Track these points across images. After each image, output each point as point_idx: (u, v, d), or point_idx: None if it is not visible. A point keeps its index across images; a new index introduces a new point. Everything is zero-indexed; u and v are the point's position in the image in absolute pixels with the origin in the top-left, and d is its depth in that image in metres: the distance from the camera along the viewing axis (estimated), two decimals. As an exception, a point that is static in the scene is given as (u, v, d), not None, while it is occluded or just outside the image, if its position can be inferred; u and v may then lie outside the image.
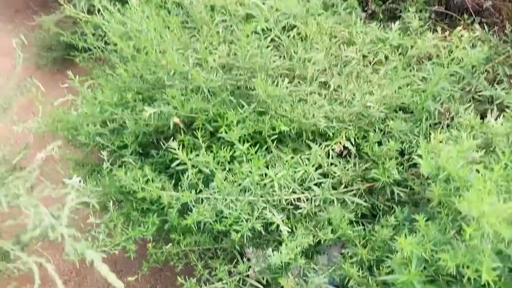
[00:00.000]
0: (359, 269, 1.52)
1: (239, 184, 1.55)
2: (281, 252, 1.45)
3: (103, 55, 2.10)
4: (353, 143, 1.73)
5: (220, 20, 1.64)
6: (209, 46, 1.61)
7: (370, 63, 1.96)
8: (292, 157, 1.64)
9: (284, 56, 1.74)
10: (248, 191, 1.52)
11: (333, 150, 1.71)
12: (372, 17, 2.64)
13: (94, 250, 1.43)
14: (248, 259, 1.82)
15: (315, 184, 1.62)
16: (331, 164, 1.66)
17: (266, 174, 1.56)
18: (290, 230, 1.57)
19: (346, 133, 1.72)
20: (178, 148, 1.56)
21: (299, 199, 1.60)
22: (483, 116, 1.71)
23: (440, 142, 1.39)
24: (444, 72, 1.74)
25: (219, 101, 1.58)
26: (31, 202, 0.89)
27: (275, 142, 1.62)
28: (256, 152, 1.63)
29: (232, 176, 1.58)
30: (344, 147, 1.74)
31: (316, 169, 1.64)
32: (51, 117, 1.93)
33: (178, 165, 1.55)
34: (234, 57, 1.59)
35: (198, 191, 1.51)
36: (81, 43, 2.12)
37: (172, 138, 1.81)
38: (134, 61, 1.66)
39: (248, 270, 1.64)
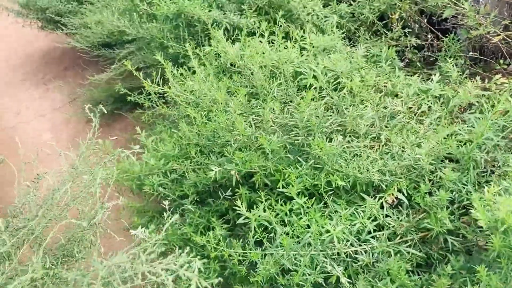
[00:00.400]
0: (420, 319, 1.56)
1: (301, 239, 1.63)
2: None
3: (164, 112, 2.24)
4: (405, 194, 1.80)
5: (277, 84, 1.76)
6: (269, 109, 1.73)
7: (414, 115, 2.04)
8: (347, 209, 1.72)
9: (335, 113, 1.85)
10: (309, 246, 1.60)
11: (386, 201, 1.78)
12: (409, 65, 2.75)
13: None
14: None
15: (372, 237, 1.68)
16: (386, 215, 1.73)
17: (323, 228, 1.64)
18: (350, 281, 1.63)
19: (398, 184, 1.79)
20: (236, 200, 1.67)
21: (356, 252, 1.67)
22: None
23: (494, 194, 1.45)
24: (488, 124, 1.81)
25: (278, 158, 1.69)
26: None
27: (331, 196, 1.71)
28: (312, 205, 1.72)
29: (291, 229, 1.67)
30: (396, 198, 1.81)
31: (372, 221, 1.71)
32: (118, 168, 2.07)
33: (243, 219, 1.64)
34: (292, 117, 1.70)
35: (263, 248, 1.59)
36: (147, 102, 2.26)
37: (230, 189, 1.93)
38: (204, 127, 1.79)
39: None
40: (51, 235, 1.14)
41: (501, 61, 2.63)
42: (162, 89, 1.78)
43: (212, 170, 1.66)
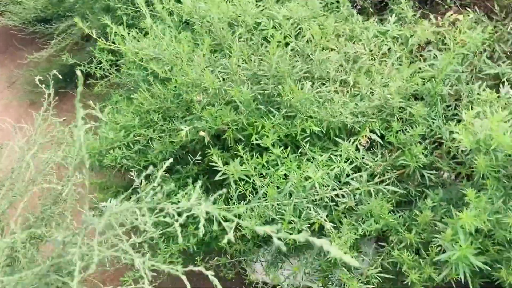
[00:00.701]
0: (409, 253, 1.57)
1: (281, 189, 1.59)
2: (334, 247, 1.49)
3: (120, 81, 2.11)
4: (378, 134, 1.79)
5: (239, 34, 1.68)
6: (235, 60, 1.65)
7: (376, 57, 2.02)
8: (323, 155, 1.69)
9: (300, 60, 1.79)
10: (291, 195, 1.56)
11: (360, 143, 1.77)
12: (361, 12, 2.73)
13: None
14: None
15: (351, 179, 1.66)
16: (363, 157, 1.71)
17: (303, 175, 1.60)
18: (334, 226, 1.61)
19: (370, 125, 1.78)
20: (210, 160, 1.60)
21: (337, 195, 1.65)
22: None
23: (474, 118, 1.46)
24: (452, 56, 1.82)
25: (250, 111, 1.62)
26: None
27: (307, 145, 1.67)
28: (288, 155, 1.68)
29: (270, 180, 1.62)
30: (369, 139, 1.80)
31: (349, 164, 1.69)
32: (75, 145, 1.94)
33: (220, 175, 1.58)
34: (259, 67, 1.63)
35: (247, 201, 1.54)
36: (99, 71, 2.12)
37: (199, 153, 1.85)
38: (168, 83, 1.68)
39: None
40: (22, 206, 1.03)
41: (448, 0, 2.67)
42: (117, 47, 1.65)
43: (182, 130, 1.57)
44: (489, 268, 1.43)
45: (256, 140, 1.67)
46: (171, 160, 1.32)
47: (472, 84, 1.95)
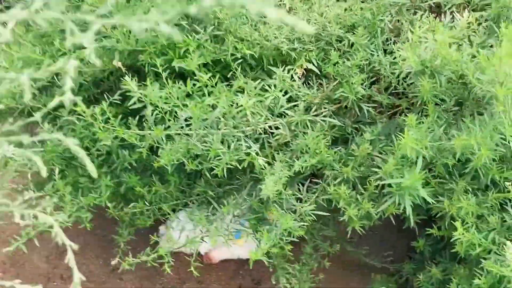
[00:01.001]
0: (346, 189, 1.45)
1: (208, 119, 1.40)
2: (266, 185, 1.33)
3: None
4: (315, 64, 1.64)
5: None
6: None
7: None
8: (257, 86, 1.51)
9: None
10: (219, 124, 1.37)
11: (296, 74, 1.61)
12: None
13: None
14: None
15: (286, 109, 1.50)
16: (298, 87, 1.56)
17: (233, 103, 1.42)
18: (267, 161, 1.45)
19: (306, 55, 1.62)
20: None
21: (271, 127, 1.49)
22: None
23: (419, 38, 1.35)
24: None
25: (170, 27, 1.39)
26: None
27: (239, 69, 1.47)
28: (216, 84, 1.48)
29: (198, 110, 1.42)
30: (306, 70, 1.64)
31: (284, 94, 1.53)
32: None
33: (134, 103, 1.35)
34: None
35: (166, 127, 1.33)
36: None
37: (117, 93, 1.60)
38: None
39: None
40: None
41: None
42: None
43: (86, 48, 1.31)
44: (433, 202, 1.33)
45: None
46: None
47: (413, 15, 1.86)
